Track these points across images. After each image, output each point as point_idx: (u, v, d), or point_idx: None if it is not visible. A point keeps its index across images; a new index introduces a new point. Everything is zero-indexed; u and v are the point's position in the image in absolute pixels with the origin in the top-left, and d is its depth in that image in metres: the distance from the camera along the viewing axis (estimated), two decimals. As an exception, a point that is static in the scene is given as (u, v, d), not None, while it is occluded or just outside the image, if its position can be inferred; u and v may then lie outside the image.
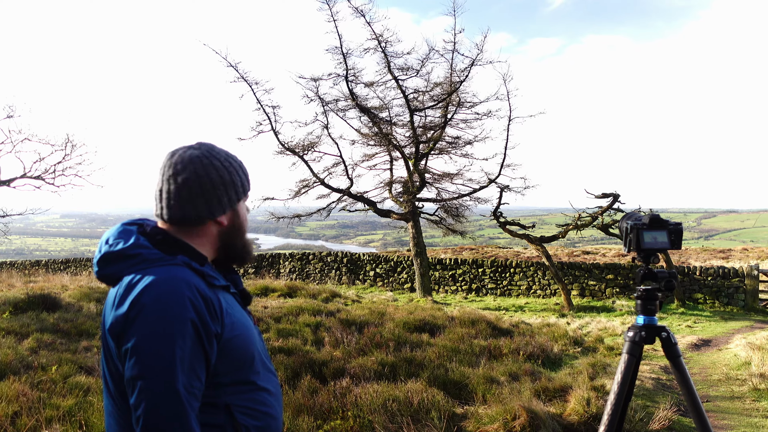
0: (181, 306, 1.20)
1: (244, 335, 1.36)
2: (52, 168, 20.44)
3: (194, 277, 1.27)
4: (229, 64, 15.49)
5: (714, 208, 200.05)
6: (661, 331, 2.17)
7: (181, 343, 1.18)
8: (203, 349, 1.23)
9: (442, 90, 16.91)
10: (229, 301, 1.37)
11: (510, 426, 3.85)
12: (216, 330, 1.26)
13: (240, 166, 1.46)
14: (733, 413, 5.20)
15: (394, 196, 18.21)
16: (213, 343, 1.25)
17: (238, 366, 1.33)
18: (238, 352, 1.32)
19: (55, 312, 7.42)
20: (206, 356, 1.24)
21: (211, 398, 1.29)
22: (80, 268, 27.06)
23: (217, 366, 1.28)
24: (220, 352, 1.28)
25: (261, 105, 16.14)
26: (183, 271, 1.27)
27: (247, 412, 1.34)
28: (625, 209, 15.15)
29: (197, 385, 1.21)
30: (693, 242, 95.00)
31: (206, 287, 1.29)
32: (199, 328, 1.21)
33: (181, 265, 1.29)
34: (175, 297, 1.20)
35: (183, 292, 1.21)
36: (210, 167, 1.38)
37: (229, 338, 1.30)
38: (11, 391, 3.95)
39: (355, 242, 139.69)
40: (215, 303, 1.28)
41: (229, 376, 1.32)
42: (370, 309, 9.18)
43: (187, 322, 1.19)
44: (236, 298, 1.45)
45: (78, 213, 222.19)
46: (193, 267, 1.30)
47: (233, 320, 1.33)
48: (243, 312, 1.44)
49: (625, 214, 2.42)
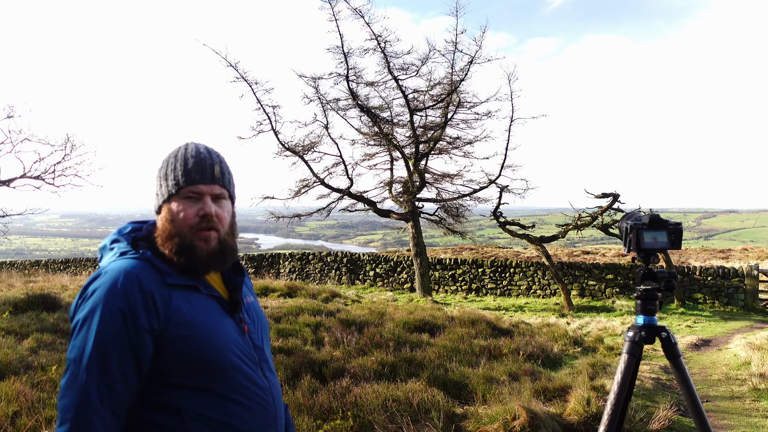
0: (111, 296, 1.23)
1: (201, 338, 1.30)
2: (51, 168, 20.44)
3: (145, 271, 1.29)
4: (229, 63, 15.50)
5: (714, 208, 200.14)
6: (661, 331, 2.17)
7: (105, 329, 1.22)
8: (129, 340, 1.23)
9: (442, 89, 16.91)
10: (190, 301, 1.33)
11: (510, 426, 3.85)
12: (149, 325, 1.25)
13: (183, 161, 1.39)
14: (733, 413, 5.20)
15: (394, 196, 18.21)
16: (144, 337, 1.24)
17: (192, 369, 1.29)
18: (188, 354, 1.28)
19: (55, 312, 7.42)
20: (133, 349, 1.24)
21: (159, 397, 1.28)
22: (80, 268, 27.06)
23: (162, 364, 1.27)
24: (163, 349, 1.27)
25: (261, 105, 16.15)
26: (134, 264, 1.29)
27: (203, 420, 1.29)
28: (625, 209, 15.16)
29: (118, 377, 1.23)
30: (693, 242, 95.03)
31: (158, 282, 1.29)
32: (127, 318, 1.23)
33: (140, 258, 1.32)
34: (110, 287, 1.24)
35: (121, 283, 1.25)
36: (163, 161, 1.43)
37: (176, 337, 1.27)
38: (11, 391, 3.95)
39: (355, 242, 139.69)
40: (157, 298, 1.27)
41: (181, 379, 1.28)
42: (370, 309, 9.18)
43: (116, 312, 1.23)
44: (219, 302, 1.40)
45: (78, 213, 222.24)
46: (153, 262, 1.32)
47: (185, 320, 1.29)
48: (216, 315, 1.37)
49: (625, 214, 2.42)
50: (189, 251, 1.34)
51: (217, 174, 1.40)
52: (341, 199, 17.96)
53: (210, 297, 1.39)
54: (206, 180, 1.38)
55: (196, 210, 1.36)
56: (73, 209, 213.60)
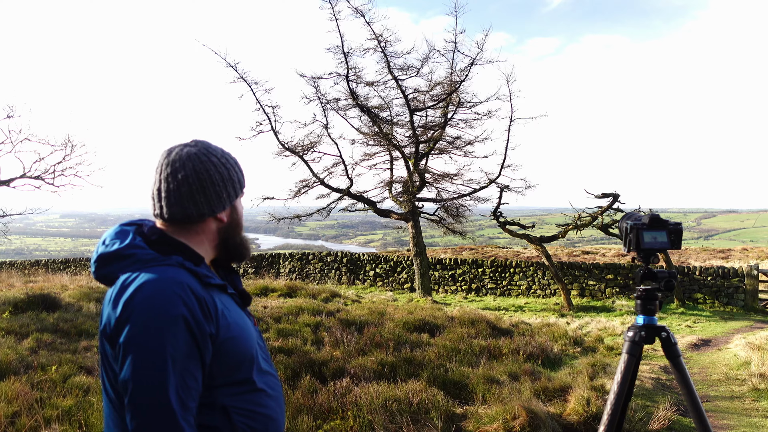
0: (172, 305, 1.19)
1: (241, 336, 1.34)
2: (51, 168, 20.43)
3: (188, 277, 1.26)
4: (229, 64, 15.50)
5: (714, 208, 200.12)
6: (660, 331, 2.17)
7: (173, 341, 1.17)
8: (197, 348, 1.21)
9: (442, 89, 16.91)
10: (225, 302, 1.36)
11: (510, 426, 3.85)
12: (210, 330, 1.24)
13: (236, 163, 1.47)
14: (733, 413, 5.20)
15: (394, 196, 18.21)
16: (207, 343, 1.23)
17: (235, 367, 1.32)
18: (234, 354, 1.31)
19: (54, 312, 7.42)
20: (201, 356, 1.22)
21: (206, 399, 1.28)
22: (80, 268, 27.06)
23: (213, 367, 1.27)
24: (216, 353, 1.27)
25: (261, 105, 16.15)
26: (176, 271, 1.26)
27: (244, 414, 1.33)
28: (625, 209, 15.16)
29: (192, 385, 1.20)
30: (693, 242, 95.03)
31: (200, 287, 1.27)
32: (192, 326, 1.20)
33: (175, 265, 1.28)
34: (166, 296, 1.19)
35: (174, 291, 1.20)
36: (209, 164, 1.38)
37: (224, 339, 1.28)
38: (11, 391, 3.95)
39: (355, 242, 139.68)
40: (209, 303, 1.26)
41: (226, 378, 1.30)
42: (369, 309, 9.18)
43: (179, 321, 1.18)
44: (235, 299, 1.44)
45: (78, 213, 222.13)
46: (188, 267, 1.29)
47: (229, 321, 1.32)
48: (241, 313, 1.42)
49: (625, 214, 2.42)
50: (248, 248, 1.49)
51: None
52: (341, 199, 17.96)
53: (231, 295, 1.43)
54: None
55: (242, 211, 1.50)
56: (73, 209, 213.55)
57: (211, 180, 1.37)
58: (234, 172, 1.45)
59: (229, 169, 1.43)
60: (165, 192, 1.35)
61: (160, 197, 1.36)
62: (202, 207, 1.36)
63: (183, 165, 1.35)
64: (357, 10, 14.88)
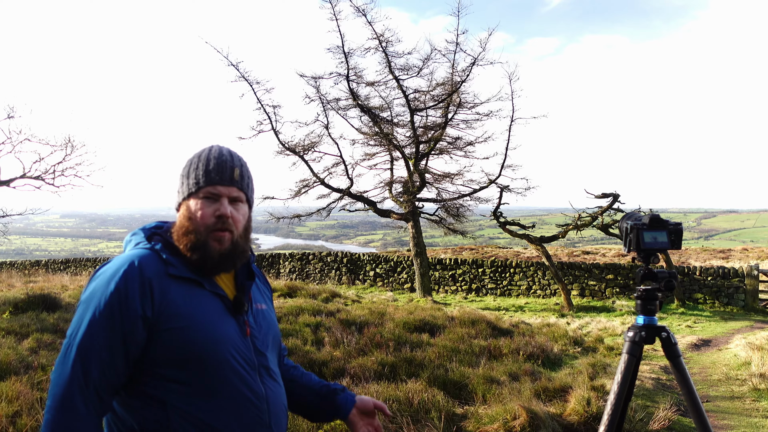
0: (112, 278, 1.28)
1: (195, 332, 1.30)
2: (51, 168, 20.45)
3: (149, 259, 1.33)
4: (230, 63, 15.51)
5: (714, 208, 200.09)
6: (661, 331, 2.17)
7: (98, 310, 1.26)
8: (121, 323, 1.26)
9: (443, 90, 16.91)
10: (191, 295, 1.34)
11: (510, 426, 3.85)
12: (143, 312, 1.27)
13: (203, 158, 1.42)
14: (733, 413, 5.20)
15: (394, 196, 18.21)
16: (136, 324, 1.27)
17: (182, 363, 1.29)
18: (180, 346, 1.28)
19: (55, 312, 7.42)
20: (124, 332, 1.26)
21: (147, 387, 1.29)
22: (80, 268, 27.06)
23: (153, 353, 1.29)
24: (155, 339, 1.28)
25: (261, 104, 16.15)
26: (142, 254, 1.34)
27: (186, 417, 1.29)
28: (625, 209, 15.16)
29: (106, 359, 1.25)
30: (693, 242, 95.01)
31: (160, 272, 1.32)
32: (122, 302, 1.26)
33: (150, 249, 1.36)
34: (113, 271, 1.29)
35: (121, 269, 1.29)
36: (187, 160, 1.47)
37: (168, 328, 1.28)
38: (11, 391, 3.95)
39: (355, 242, 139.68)
40: (155, 287, 1.29)
41: (171, 371, 1.29)
42: (370, 309, 9.18)
43: (113, 295, 1.26)
44: (224, 302, 1.40)
45: (78, 213, 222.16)
46: (159, 252, 1.36)
47: (180, 312, 1.30)
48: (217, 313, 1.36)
49: (625, 214, 2.42)
50: (202, 249, 1.36)
51: (236, 177, 1.43)
52: (341, 199, 17.96)
53: (214, 294, 1.39)
54: (225, 181, 1.41)
55: (213, 210, 1.39)
56: (73, 209, 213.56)
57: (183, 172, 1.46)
58: (192, 166, 1.43)
59: (190, 163, 1.45)
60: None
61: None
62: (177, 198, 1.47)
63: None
64: (359, 10, 14.89)
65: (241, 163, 1.45)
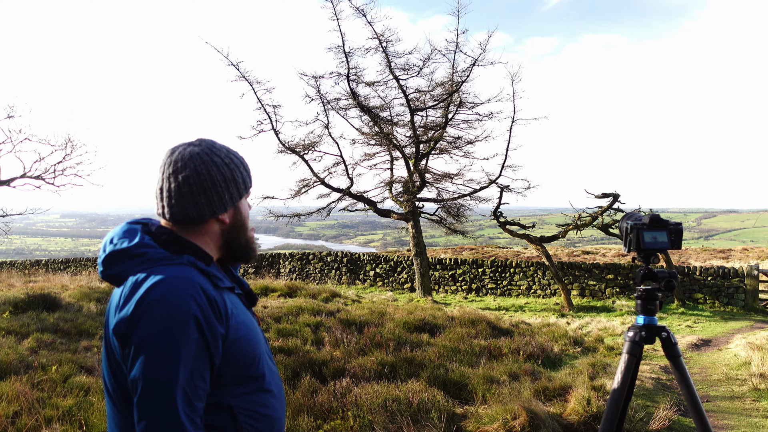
0: (185, 304, 1.18)
1: (249, 337, 1.34)
2: (52, 168, 20.43)
3: (199, 277, 1.26)
4: (231, 63, 15.51)
5: (714, 208, 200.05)
6: (661, 331, 2.17)
7: (184, 341, 1.17)
8: (208, 349, 1.21)
9: (443, 90, 16.91)
10: (234, 302, 1.36)
11: (510, 426, 3.85)
12: (221, 331, 1.24)
13: (241, 162, 1.44)
14: (733, 413, 5.20)
15: (394, 195, 18.21)
16: (218, 344, 1.24)
17: (243, 368, 1.32)
18: (242, 354, 1.31)
19: (55, 312, 7.42)
20: (211, 357, 1.22)
21: (214, 399, 1.28)
22: (80, 267, 27.05)
23: (221, 367, 1.27)
24: (225, 353, 1.26)
25: (262, 104, 16.15)
26: (188, 271, 1.25)
27: (249, 414, 1.32)
28: (625, 209, 15.15)
29: (201, 386, 1.20)
30: (693, 242, 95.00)
31: (212, 287, 1.27)
32: (203, 328, 1.20)
33: (187, 264, 1.28)
34: (178, 295, 1.19)
35: (187, 291, 1.20)
36: (211, 164, 1.36)
37: (234, 340, 1.28)
38: (11, 390, 3.95)
39: (355, 242, 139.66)
40: (220, 304, 1.26)
41: (233, 377, 1.30)
42: (370, 309, 9.18)
43: (191, 321, 1.18)
44: (242, 299, 1.44)
45: (78, 213, 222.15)
46: (199, 267, 1.29)
47: (238, 321, 1.32)
48: (247, 313, 1.42)
49: (625, 214, 2.42)
50: (253, 249, 1.45)
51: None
52: (341, 198, 17.96)
53: (238, 295, 1.43)
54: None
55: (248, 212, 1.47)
56: (73, 209, 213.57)
57: (213, 181, 1.35)
58: (238, 172, 1.41)
59: (232, 170, 1.40)
60: (167, 192, 1.34)
61: (161, 197, 1.35)
62: (202, 208, 1.34)
63: (185, 165, 1.33)
64: (359, 10, 14.89)
65: None
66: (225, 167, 1.38)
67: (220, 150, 1.40)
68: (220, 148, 1.40)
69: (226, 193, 1.37)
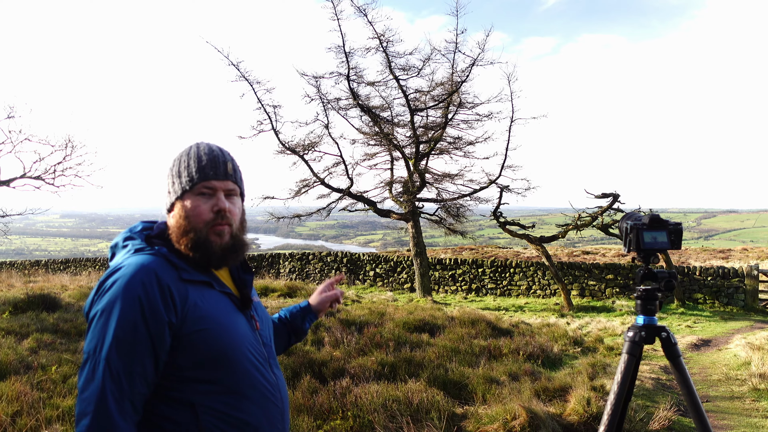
0: (131, 288, 1.24)
1: (218, 334, 1.32)
2: (52, 168, 20.42)
3: (160, 265, 1.31)
4: (231, 63, 15.51)
5: (714, 208, 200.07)
6: (661, 331, 2.17)
7: (122, 322, 1.22)
8: (148, 332, 1.24)
9: (443, 90, 16.91)
10: (205, 297, 1.35)
11: (510, 426, 3.85)
12: (168, 318, 1.26)
13: (192, 154, 1.42)
14: (733, 413, 5.20)
15: (394, 196, 18.21)
16: (164, 332, 1.25)
17: (207, 364, 1.30)
18: (204, 349, 1.30)
19: (55, 312, 7.42)
20: (152, 343, 1.24)
21: (174, 391, 1.29)
22: (80, 268, 27.05)
23: (178, 358, 1.28)
24: (180, 344, 1.28)
25: (262, 104, 16.15)
26: (152, 260, 1.31)
27: (216, 415, 1.31)
28: (625, 209, 15.16)
29: (138, 371, 1.23)
30: (693, 242, 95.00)
31: (174, 277, 1.31)
32: (145, 311, 1.23)
33: (156, 254, 1.33)
34: (130, 280, 1.25)
35: (137, 277, 1.25)
36: (175, 159, 1.44)
37: (192, 332, 1.29)
38: (11, 391, 3.95)
39: (355, 242, 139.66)
40: (174, 293, 1.28)
41: (197, 373, 1.30)
42: (369, 309, 9.18)
43: (134, 304, 1.23)
44: (232, 299, 1.44)
45: (78, 213, 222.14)
46: (167, 257, 1.34)
47: (202, 314, 1.31)
48: (231, 312, 1.40)
49: (625, 214, 2.42)
50: (204, 246, 1.37)
51: (230, 170, 1.44)
52: (341, 199, 17.96)
53: (222, 293, 1.42)
54: (219, 176, 1.41)
55: (210, 205, 1.39)
56: (73, 209, 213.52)
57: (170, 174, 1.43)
58: (183, 164, 1.42)
59: (179, 162, 1.43)
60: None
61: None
62: (166, 200, 1.44)
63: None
64: (360, 9, 14.89)
65: (231, 157, 1.48)
66: (177, 162, 1.43)
67: (191, 147, 1.45)
68: (192, 146, 1.46)
69: (170, 188, 1.43)
